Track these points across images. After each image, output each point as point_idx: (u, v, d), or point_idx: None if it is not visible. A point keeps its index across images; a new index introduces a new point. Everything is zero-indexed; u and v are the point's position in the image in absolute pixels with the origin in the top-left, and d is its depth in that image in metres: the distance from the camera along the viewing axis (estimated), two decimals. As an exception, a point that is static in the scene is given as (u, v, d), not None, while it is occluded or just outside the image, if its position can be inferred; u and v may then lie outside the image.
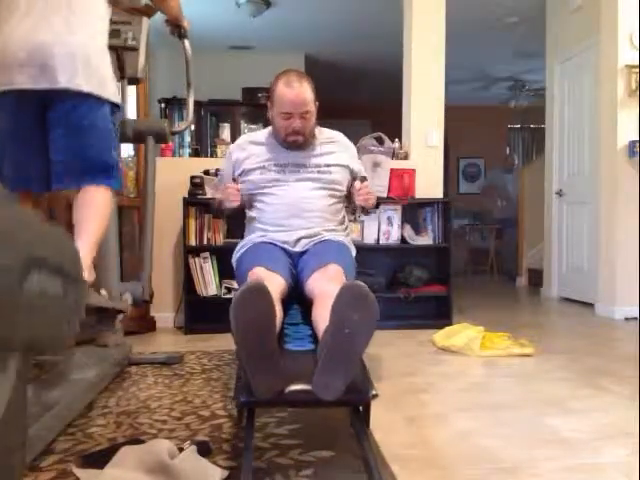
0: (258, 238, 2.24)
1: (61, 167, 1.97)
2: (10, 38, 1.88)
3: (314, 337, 1.76)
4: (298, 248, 2.20)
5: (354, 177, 2.36)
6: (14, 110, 1.93)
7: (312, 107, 2.23)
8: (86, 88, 1.92)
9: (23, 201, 2.10)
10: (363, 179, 2.31)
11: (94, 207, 1.98)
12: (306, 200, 2.24)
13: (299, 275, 2.11)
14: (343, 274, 1.97)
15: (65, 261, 1.16)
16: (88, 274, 1.91)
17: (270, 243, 2.20)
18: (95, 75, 1.95)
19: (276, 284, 1.87)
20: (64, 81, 1.88)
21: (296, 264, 2.16)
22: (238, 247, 2.32)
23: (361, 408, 1.72)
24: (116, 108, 2.08)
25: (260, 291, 1.45)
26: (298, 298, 2.06)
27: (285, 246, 2.20)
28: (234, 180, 2.30)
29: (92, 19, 1.99)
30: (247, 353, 1.44)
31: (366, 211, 2.43)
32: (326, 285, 1.82)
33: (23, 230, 0.99)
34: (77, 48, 1.91)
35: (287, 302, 1.98)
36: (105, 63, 2.02)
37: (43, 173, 2.00)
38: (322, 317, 1.60)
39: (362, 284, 1.46)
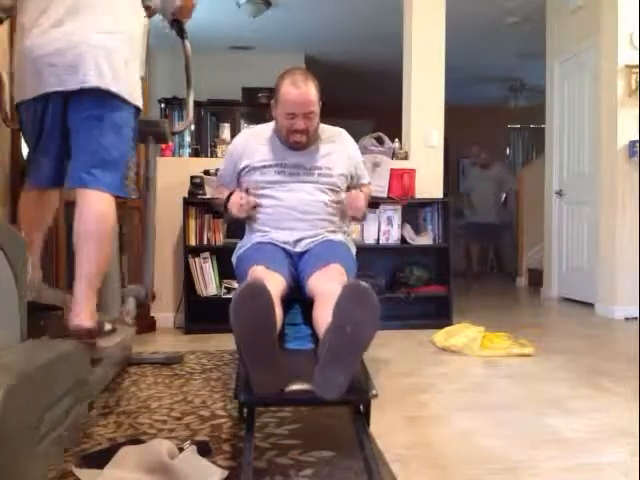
0: (258, 238, 2.23)
1: (76, 162, 1.96)
2: (40, 40, 1.89)
3: (314, 337, 1.75)
4: (298, 248, 2.19)
5: (352, 179, 2.40)
6: (42, 113, 1.95)
7: (316, 108, 2.20)
8: (114, 88, 1.92)
9: (42, 196, 2.11)
10: (359, 186, 2.36)
11: (95, 235, 1.88)
12: (307, 204, 2.23)
13: (300, 275, 2.09)
14: (344, 273, 1.96)
15: (72, 378, 1.31)
16: (90, 319, 1.85)
17: (270, 243, 2.19)
18: (123, 77, 1.95)
19: (276, 283, 1.85)
20: (94, 80, 1.89)
21: (296, 264, 2.15)
22: (238, 246, 2.32)
23: (362, 407, 1.72)
24: (138, 112, 2.08)
25: (259, 290, 1.46)
26: (298, 298, 2.05)
27: (285, 246, 2.19)
28: (246, 190, 2.28)
29: (123, 20, 2.00)
30: (247, 352, 1.45)
31: (357, 219, 2.44)
32: (327, 284, 1.81)
33: (34, 389, 1.09)
34: (107, 49, 1.91)
35: (287, 302, 1.96)
36: (133, 67, 2.03)
37: (61, 169, 2.03)
38: (323, 317, 1.59)
39: (364, 283, 1.46)
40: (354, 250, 2.32)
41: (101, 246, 1.89)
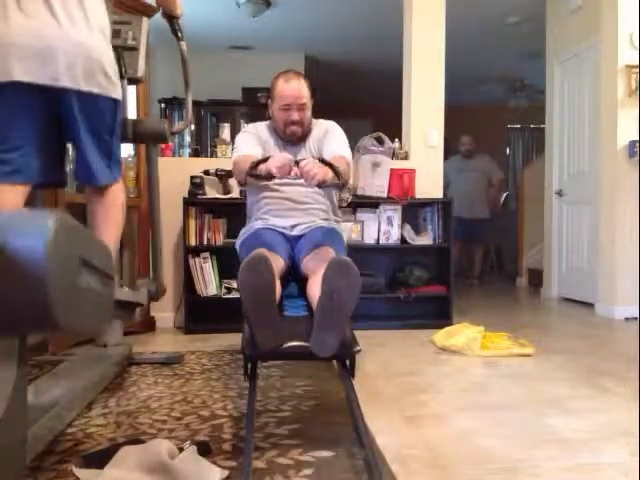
0: (259, 224, 2.46)
1: (75, 165, 2.01)
2: (14, 31, 1.87)
3: (308, 307, 2.04)
4: (295, 232, 2.44)
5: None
6: (14, 103, 1.91)
7: (308, 101, 2.46)
8: (85, 87, 1.92)
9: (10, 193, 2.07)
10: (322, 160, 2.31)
11: (110, 217, 2.09)
12: (303, 195, 2.48)
13: (296, 256, 2.33)
14: (334, 255, 2.12)
15: (105, 264, 1.42)
16: None
17: (270, 228, 2.43)
18: (97, 71, 1.95)
19: (276, 263, 2.00)
20: (65, 80, 1.88)
21: (293, 246, 2.38)
22: (241, 233, 2.54)
23: (348, 362, 1.92)
24: (117, 104, 2.08)
25: (262, 258, 1.72)
26: (295, 276, 2.31)
27: (283, 230, 2.43)
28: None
29: (96, 15, 1.99)
30: (252, 312, 1.71)
31: (332, 185, 2.38)
32: (319, 264, 1.98)
33: (79, 238, 1.24)
34: (81, 46, 1.90)
35: (285, 279, 2.23)
36: (108, 59, 2.03)
37: (42, 167, 1.99)
38: (315, 291, 1.84)
39: (346, 258, 1.74)
40: (345, 236, 2.55)
41: (116, 223, 2.13)
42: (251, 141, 2.52)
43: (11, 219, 1.13)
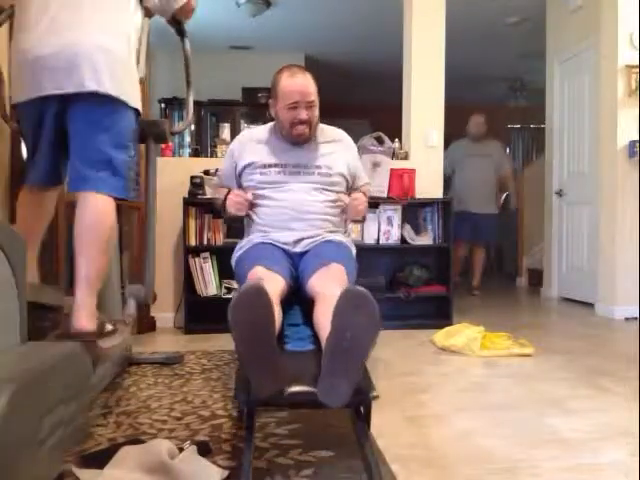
0: (258, 238, 2.22)
1: (76, 165, 1.95)
2: (37, 42, 1.88)
3: (315, 338, 1.74)
4: (298, 249, 2.18)
5: (353, 183, 2.42)
6: (40, 115, 1.94)
7: (316, 98, 2.23)
8: (112, 91, 1.92)
9: (40, 195, 2.11)
10: (357, 189, 2.37)
11: (94, 238, 1.87)
12: (307, 203, 2.23)
13: (300, 275, 2.08)
14: (345, 273, 1.96)
15: (79, 387, 1.32)
16: (90, 321, 1.86)
17: (270, 243, 2.18)
18: (121, 79, 1.95)
19: (276, 284, 1.84)
20: (91, 84, 1.88)
21: (296, 265, 2.14)
22: (237, 247, 2.31)
23: (362, 409, 1.71)
24: (138, 114, 2.07)
25: (258, 292, 1.45)
26: (298, 299, 2.03)
27: (285, 247, 2.19)
28: (240, 187, 2.34)
29: (120, 20, 1.99)
30: (246, 354, 1.45)
31: (357, 222, 2.51)
32: (328, 284, 1.80)
33: (40, 393, 1.11)
34: (104, 50, 1.91)
35: (287, 303, 1.94)
36: (131, 67, 2.02)
37: (57, 169, 2.04)
38: (323, 320, 1.58)
39: (363, 289, 1.44)
40: (354, 250, 2.31)
41: (100, 248, 1.88)
42: (227, 171, 2.41)
43: None
